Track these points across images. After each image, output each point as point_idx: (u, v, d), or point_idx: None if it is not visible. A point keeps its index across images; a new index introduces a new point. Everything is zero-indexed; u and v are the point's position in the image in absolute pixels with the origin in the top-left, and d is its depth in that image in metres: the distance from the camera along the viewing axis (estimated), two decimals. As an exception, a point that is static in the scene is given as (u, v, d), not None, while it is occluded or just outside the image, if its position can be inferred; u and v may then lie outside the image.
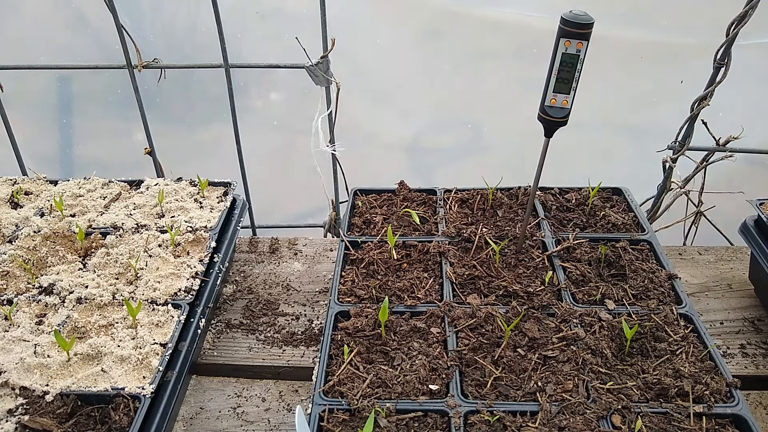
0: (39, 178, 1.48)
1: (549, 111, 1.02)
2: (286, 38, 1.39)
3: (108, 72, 1.51)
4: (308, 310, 1.32)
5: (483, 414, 0.88)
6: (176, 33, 2.08)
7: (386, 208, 1.38)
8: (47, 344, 1.01)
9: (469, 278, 1.16)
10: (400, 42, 2.07)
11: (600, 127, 2.11)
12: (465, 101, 2.17)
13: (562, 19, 0.95)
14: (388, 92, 2.17)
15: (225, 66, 1.44)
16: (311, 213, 1.94)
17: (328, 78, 1.43)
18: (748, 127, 1.48)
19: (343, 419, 0.88)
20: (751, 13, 1.30)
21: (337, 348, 1.01)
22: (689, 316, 1.06)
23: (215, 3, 1.35)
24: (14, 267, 1.19)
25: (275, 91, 2.20)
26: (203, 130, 2.23)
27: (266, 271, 1.44)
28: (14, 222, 1.32)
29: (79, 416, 0.90)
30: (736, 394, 0.91)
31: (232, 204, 1.40)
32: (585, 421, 0.86)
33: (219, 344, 1.23)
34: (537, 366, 0.97)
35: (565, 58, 0.96)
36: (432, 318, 1.06)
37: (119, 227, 1.29)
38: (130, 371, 0.97)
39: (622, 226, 1.29)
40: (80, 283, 1.14)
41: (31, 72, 1.54)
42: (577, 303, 1.10)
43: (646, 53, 1.93)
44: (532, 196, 1.15)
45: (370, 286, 1.14)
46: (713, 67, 1.42)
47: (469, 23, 1.99)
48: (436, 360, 0.97)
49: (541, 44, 1.34)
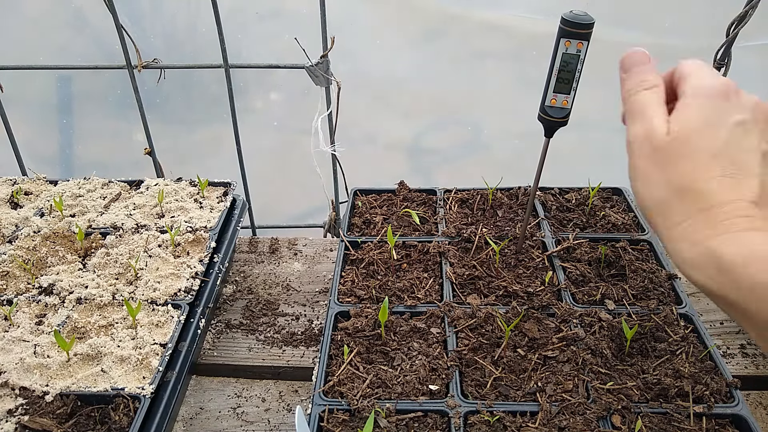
0: (39, 179, 1.48)
1: (549, 111, 1.02)
2: (286, 38, 1.39)
3: (108, 72, 1.51)
4: (308, 310, 1.32)
5: (483, 414, 0.88)
6: (176, 33, 2.08)
7: (386, 208, 1.38)
8: (47, 344, 1.00)
9: (469, 278, 1.16)
10: (400, 42, 2.07)
11: (600, 127, 2.11)
12: (465, 101, 2.17)
13: (562, 19, 0.95)
14: (388, 92, 2.17)
15: (225, 66, 1.44)
16: (311, 213, 1.94)
17: (328, 78, 1.43)
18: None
19: (343, 419, 0.88)
20: (751, 13, 1.30)
21: (337, 348, 1.01)
22: (689, 316, 1.06)
23: (215, 3, 1.35)
24: (14, 267, 1.19)
25: (275, 92, 2.20)
26: (203, 131, 2.23)
27: (266, 272, 1.44)
28: (14, 222, 1.31)
29: (79, 416, 0.90)
30: (736, 394, 0.91)
31: (232, 204, 1.40)
32: (585, 422, 0.86)
33: (219, 344, 1.23)
34: (537, 366, 0.97)
35: (566, 58, 0.96)
36: (432, 318, 1.06)
37: (119, 227, 1.29)
38: (129, 371, 0.96)
39: (622, 226, 1.29)
40: (80, 283, 1.14)
41: (31, 72, 1.54)
42: (577, 303, 1.10)
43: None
44: (532, 196, 1.15)
45: (370, 287, 1.14)
46: (713, 67, 1.42)
47: (469, 24, 2.00)
48: (436, 360, 0.97)
49: (541, 46, 1.35)
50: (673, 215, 0.56)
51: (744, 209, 0.53)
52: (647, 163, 0.59)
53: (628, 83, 0.64)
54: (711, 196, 0.54)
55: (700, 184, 0.55)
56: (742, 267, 0.50)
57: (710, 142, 0.56)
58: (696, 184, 0.55)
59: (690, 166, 0.56)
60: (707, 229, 0.54)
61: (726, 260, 0.51)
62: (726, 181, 0.54)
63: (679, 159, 0.57)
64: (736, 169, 0.55)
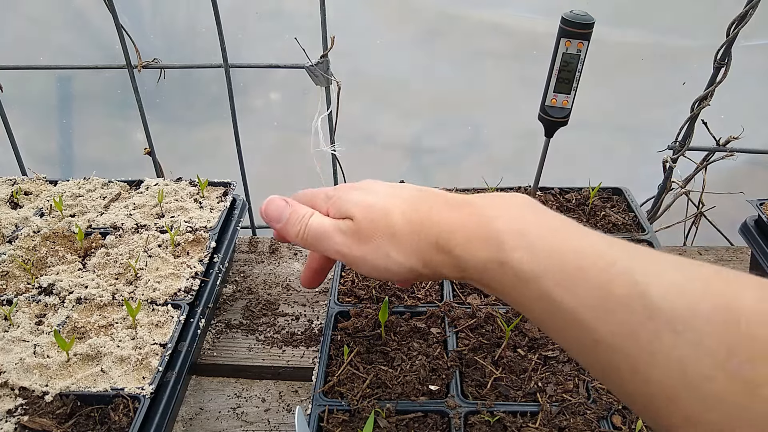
0: (39, 179, 1.48)
1: (549, 111, 1.02)
2: (286, 38, 1.39)
3: (108, 72, 1.51)
4: (308, 310, 1.32)
5: (483, 414, 0.88)
6: (176, 33, 2.08)
7: (386, 209, 1.38)
8: (47, 344, 1.00)
9: (469, 278, 1.16)
10: (400, 42, 2.07)
11: (600, 127, 2.11)
12: (465, 101, 2.17)
13: (562, 19, 0.95)
14: (388, 92, 2.17)
15: (225, 66, 1.44)
16: (311, 213, 1.93)
17: (328, 78, 1.43)
18: (750, 128, 1.48)
19: (343, 420, 0.88)
20: (752, 13, 1.29)
21: (337, 348, 1.01)
22: (689, 316, 1.06)
23: (215, 3, 1.35)
24: (14, 267, 1.19)
25: (275, 91, 2.20)
26: (203, 130, 2.24)
27: (266, 272, 1.44)
28: (14, 222, 1.31)
29: (79, 416, 0.90)
30: (737, 395, 0.90)
31: (232, 204, 1.39)
32: (585, 422, 0.86)
33: (219, 344, 1.22)
34: (537, 366, 0.97)
35: (566, 58, 0.96)
36: (432, 318, 1.06)
37: (119, 227, 1.29)
38: (129, 371, 0.96)
39: (622, 226, 1.29)
40: (80, 283, 1.14)
41: (31, 72, 1.54)
42: (578, 303, 1.09)
43: (647, 54, 1.93)
44: (533, 195, 1.15)
45: (369, 286, 1.14)
46: (713, 67, 1.41)
47: (469, 24, 2.00)
48: (436, 360, 0.97)
49: (541, 46, 1.35)
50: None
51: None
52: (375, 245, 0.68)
53: (291, 229, 0.73)
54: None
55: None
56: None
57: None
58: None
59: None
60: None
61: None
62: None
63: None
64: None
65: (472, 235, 0.60)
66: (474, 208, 0.63)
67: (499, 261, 0.57)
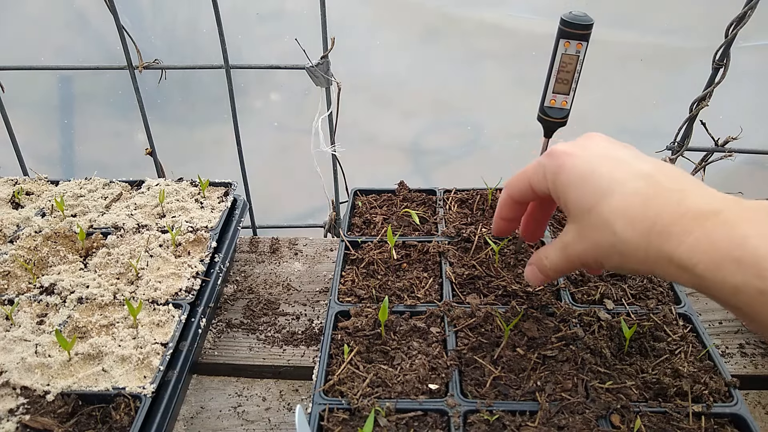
0: (40, 179, 1.49)
1: (548, 111, 1.02)
2: (287, 39, 1.39)
3: (109, 73, 1.51)
4: (308, 309, 1.32)
5: (482, 413, 0.88)
6: (177, 34, 2.09)
7: (386, 208, 1.38)
8: (48, 344, 1.01)
9: (468, 278, 1.16)
10: (400, 42, 2.08)
11: (600, 128, 2.11)
12: (465, 101, 2.18)
13: (561, 20, 0.95)
14: (388, 92, 2.17)
15: (225, 67, 1.45)
16: (311, 213, 1.94)
17: (328, 78, 1.44)
18: (749, 128, 1.49)
19: (343, 418, 0.89)
20: (750, 14, 1.30)
21: (337, 347, 1.01)
22: (688, 315, 1.07)
23: (216, 4, 1.35)
24: (15, 267, 1.19)
25: (275, 92, 2.21)
26: (204, 131, 2.24)
27: (267, 271, 1.44)
28: (15, 222, 1.32)
29: (80, 416, 0.90)
30: (735, 394, 0.91)
31: (233, 204, 1.40)
32: (584, 421, 0.87)
33: (220, 344, 1.23)
34: (536, 365, 0.97)
35: (565, 58, 0.97)
36: (432, 317, 1.07)
37: (120, 227, 1.30)
38: (131, 371, 0.97)
39: (621, 227, 1.29)
40: (81, 283, 1.14)
41: (32, 72, 1.55)
42: (576, 303, 1.10)
43: (646, 55, 1.93)
44: (532, 196, 1.15)
45: (370, 286, 1.14)
46: (712, 68, 1.42)
47: (468, 24, 2.00)
48: (435, 359, 0.98)
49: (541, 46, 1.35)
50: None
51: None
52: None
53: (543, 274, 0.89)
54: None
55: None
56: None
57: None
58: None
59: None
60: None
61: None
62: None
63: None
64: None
65: (722, 257, 0.53)
66: (720, 218, 0.55)
67: (758, 289, 0.51)
